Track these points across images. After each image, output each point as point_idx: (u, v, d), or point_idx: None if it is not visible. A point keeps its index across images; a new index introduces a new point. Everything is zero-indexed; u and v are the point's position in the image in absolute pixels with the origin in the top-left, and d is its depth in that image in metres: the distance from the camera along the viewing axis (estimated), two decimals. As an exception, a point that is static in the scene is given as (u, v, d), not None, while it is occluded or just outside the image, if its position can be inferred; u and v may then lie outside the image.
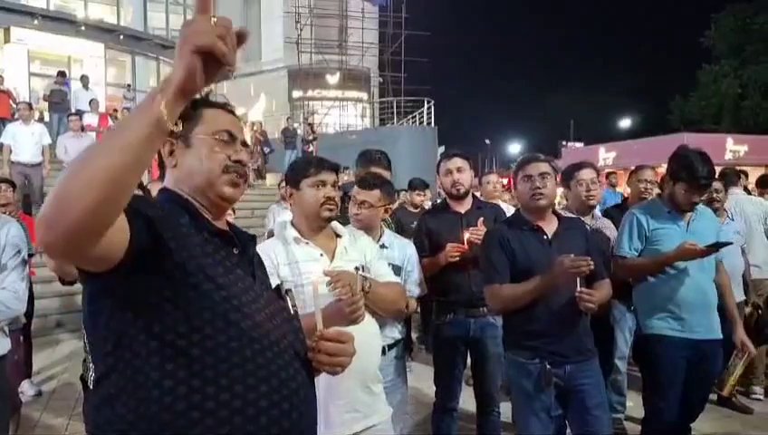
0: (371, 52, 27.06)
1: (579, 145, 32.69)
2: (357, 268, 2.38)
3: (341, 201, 2.59)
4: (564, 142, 35.20)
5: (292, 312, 1.51)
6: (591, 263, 2.62)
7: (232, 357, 1.24)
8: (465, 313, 3.39)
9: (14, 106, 11.50)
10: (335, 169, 2.51)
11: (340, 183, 2.60)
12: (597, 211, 3.98)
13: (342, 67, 26.65)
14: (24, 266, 2.65)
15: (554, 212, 3.00)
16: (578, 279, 2.64)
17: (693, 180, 3.18)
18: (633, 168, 4.78)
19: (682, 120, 31.98)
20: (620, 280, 3.54)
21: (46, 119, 13.18)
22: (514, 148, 44.55)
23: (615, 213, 4.30)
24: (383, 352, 2.87)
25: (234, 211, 6.72)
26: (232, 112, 1.54)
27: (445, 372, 3.51)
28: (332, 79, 26.60)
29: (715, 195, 4.59)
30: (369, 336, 2.32)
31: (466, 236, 3.29)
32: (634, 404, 4.33)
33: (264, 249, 2.43)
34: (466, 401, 3.84)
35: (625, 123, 40.03)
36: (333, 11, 26.29)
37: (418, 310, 4.23)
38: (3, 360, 2.61)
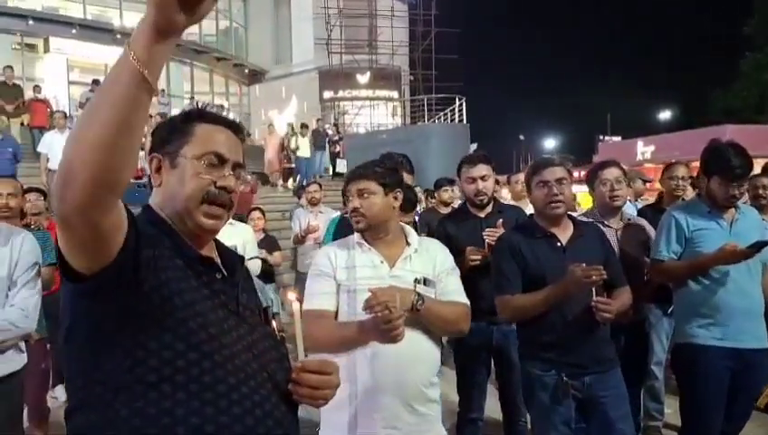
0: (401, 50, 26.95)
1: (616, 139, 32.04)
2: (416, 280, 2.28)
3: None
4: (601, 136, 34.53)
5: (278, 337, 1.43)
6: (603, 272, 2.49)
7: (205, 393, 1.17)
8: (488, 320, 3.27)
9: (52, 115, 11.75)
10: (362, 177, 2.37)
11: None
12: (628, 211, 3.79)
13: (373, 66, 26.61)
14: (36, 281, 2.64)
15: (570, 217, 2.87)
16: (593, 288, 2.51)
17: (727, 171, 2.99)
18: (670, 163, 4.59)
19: (723, 110, 31.02)
20: (659, 284, 3.39)
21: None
22: (549, 143, 44.00)
23: (649, 212, 4.13)
24: None
25: (264, 214, 6.76)
26: (232, 126, 1.42)
27: (467, 381, 3.41)
28: (363, 78, 26.57)
29: (761, 191, 4.35)
30: (415, 351, 2.22)
31: (487, 239, 3.18)
32: (673, 411, 4.14)
33: (326, 250, 2.42)
34: (491, 408, 3.72)
35: (664, 116, 39.11)
36: (363, 11, 26.26)
37: None
38: (17, 375, 2.60)
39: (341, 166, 16.51)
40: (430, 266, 2.37)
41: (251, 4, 27.69)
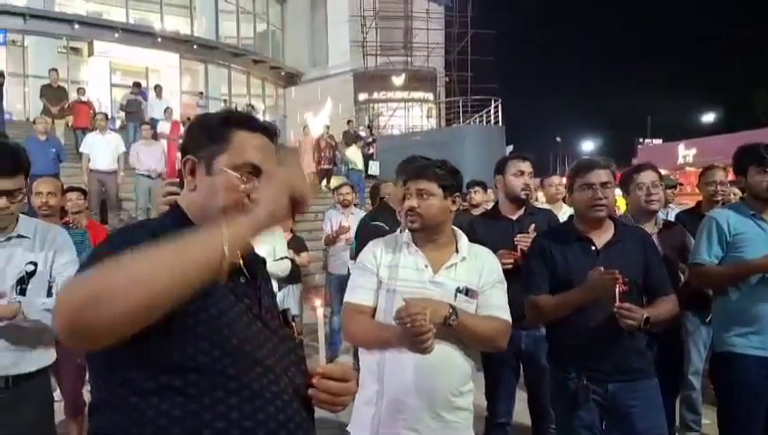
0: (437, 52, 26.88)
1: (657, 142, 31.36)
2: (458, 290, 2.26)
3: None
4: (641, 139, 33.81)
5: (297, 340, 1.43)
6: (619, 276, 2.43)
7: (230, 398, 1.19)
8: (517, 325, 3.20)
9: (95, 116, 12.05)
10: (424, 177, 2.34)
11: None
12: (662, 216, 3.70)
13: (408, 68, 26.61)
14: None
15: (613, 220, 2.80)
16: (617, 293, 2.44)
17: (760, 157, 2.96)
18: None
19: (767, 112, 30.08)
20: (694, 290, 3.29)
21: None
22: (587, 145, 43.25)
23: (686, 218, 4.02)
24: None
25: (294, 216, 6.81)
26: (267, 132, 1.41)
27: (495, 386, 3.35)
28: (398, 80, 26.59)
29: None
30: (443, 360, 2.20)
31: (520, 245, 3.14)
32: (710, 422, 4.02)
33: (373, 247, 2.42)
34: (520, 413, 3.66)
35: (707, 118, 38.10)
36: (398, 13, 26.28)
37: None
38: (46, 371, 2.63)
39: (374, 168, 16.50)
40: (476, 276, 2.32)
41: (288, 7, 27.98)
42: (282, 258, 4.95)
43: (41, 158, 9.04)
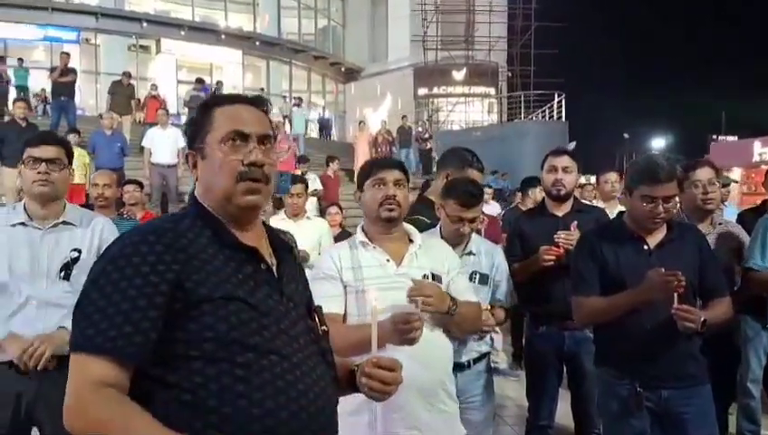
0: (499, 45, 26.43)
1: (731, 139, 29.87)
2: (425, 276, 2.24)
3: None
4: (714, 136, 32.28)
5: (320, 332, 1.44)
6: (682, 278, 2.29)
7: (237, 385, 1.23)
8: (560, 325, 3.11)
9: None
10: (397, 166, 2.38)
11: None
12: (719, 216, 3.49)
13: (469, 62, 26.30)
14: None
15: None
16: (675, 295, 2.32)
17: None
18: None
19: None
20: (754, 294, 3.11)
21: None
22: (657, 142, 41.56)
23: (750, 218, 3.78)
24: (467, 367, 2.73)
25: (342, 210, 6.80)
26: (251, 101, 1.43)
27: (537, 388, 3.26)
28: (458, 75, 26.31)
29: None
30: (433, 349, 2.19)
31: (561, 243, 3.02)
32: (772, 434, 3.80)
33: (330, 252, 2.42)
34: (563, 415, 3.53)
35: (787, 113, 35.97)
36: (460, 6, 25.99)
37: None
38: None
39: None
40: (438, 263, 2.34)
41: (349, 3, 28.17)
42: (325, 252, 4.96)
43: (106, 151, 9.46)
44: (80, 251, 2.53)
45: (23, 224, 2.46)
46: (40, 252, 2.46)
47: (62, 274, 2.49)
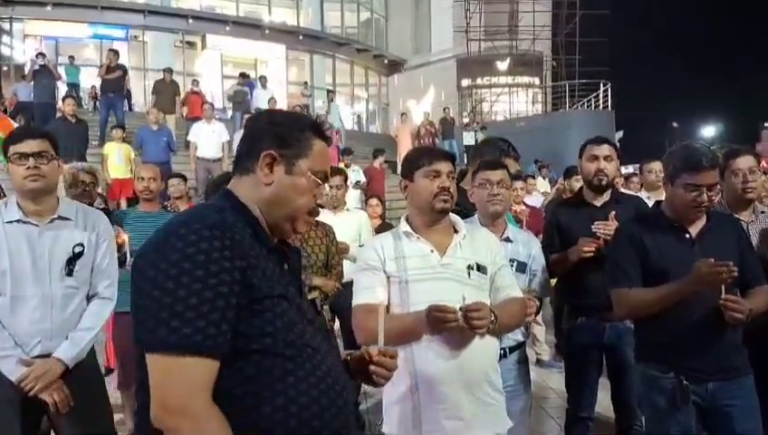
0: (544, 34, 25.91)
1: (785, 126, 28.61)
2: (469, 267, 2.24)
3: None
4: (766, 124, 31.00)
5: (328, 327, 1.52)
6: (734, 269, 2.22)
7: (287, 376, 1.31)
8: (599, 316, 3.05)
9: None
10: (450, 157, 2.39)
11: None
12: (760, 206, 3.35)
13: (513, 52, 25.90)
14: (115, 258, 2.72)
15: None
16: (723, 286, 2.25)
17: None
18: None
19: None
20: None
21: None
22: (708, 131, 40.11)
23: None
24: (504, 356, 2.69)
25: (383, 203, 6.84)
26: (330, 142, 1.57)
27: (576, 380, 3.21)
28: (502, 65, 25.95)
29: None
30: (478, 341, 2.17)
31: (599, 233, 2.96)
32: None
33: (373, 243, 2.41)
34: (603, 406, 3.45)
35: None
36: (504, -5, 25.60)
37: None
38: (92, 355, 2.67)
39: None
40: (482, 253, 2.32)
41: (391, -2, 28.06)
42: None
43: (153, 146, 9.69)
44: (83, 246, 2.53)
45: (19, 221, 2.43)
46: (40, 249, 2.44)
47: (67, 269, 2.48)
